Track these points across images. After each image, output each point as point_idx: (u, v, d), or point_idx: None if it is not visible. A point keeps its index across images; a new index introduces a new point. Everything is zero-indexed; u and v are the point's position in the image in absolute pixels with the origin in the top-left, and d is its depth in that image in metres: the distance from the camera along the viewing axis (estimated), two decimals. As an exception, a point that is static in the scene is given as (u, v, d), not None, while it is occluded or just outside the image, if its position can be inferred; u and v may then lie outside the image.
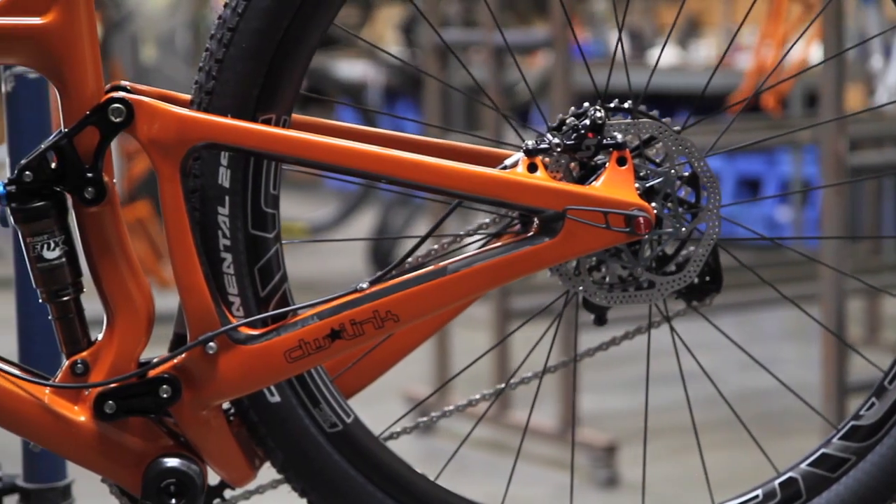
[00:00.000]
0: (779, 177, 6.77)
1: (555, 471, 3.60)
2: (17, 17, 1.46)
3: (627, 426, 3.82)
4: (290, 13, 1.48)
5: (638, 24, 7.91)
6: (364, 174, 1.50)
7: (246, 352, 1.50)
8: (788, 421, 3.87)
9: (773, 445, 1.77)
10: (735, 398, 1.75)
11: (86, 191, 1.48)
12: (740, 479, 1.70)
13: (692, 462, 1.62)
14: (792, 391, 1.74)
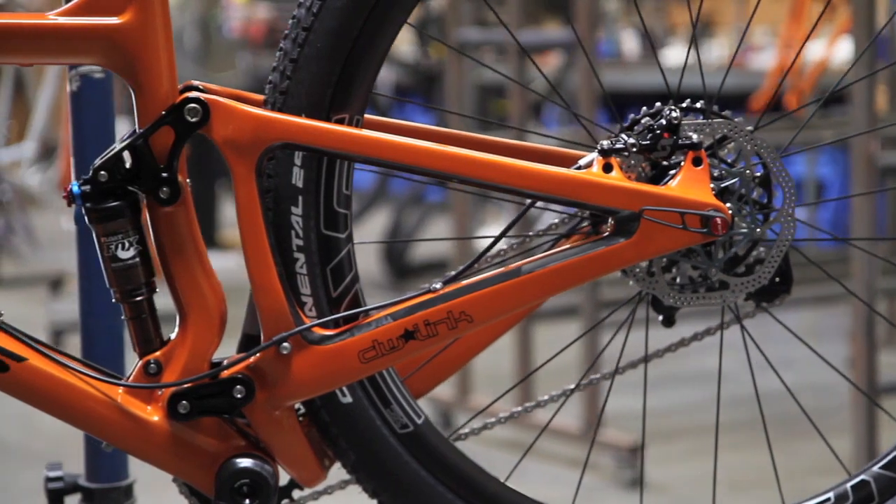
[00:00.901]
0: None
1: (578, 471, 3.60)
2: (93, 17, 1.46)
3: (652, 426, 3.82)
4: (365, 12, 1.48)
5: (649, 24, 7.92)
6: (438, 174, 1.49)
7: (320, 352, 1.50)
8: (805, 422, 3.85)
9: (795, 447, 1.77)
10: (750, 400, 1.76)
11: (161, 190, 1.48)
12: (766, 479, 1.70)
13: (719, 463, 1.62)
14: (854, 385, 1.73)
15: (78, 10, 1.46)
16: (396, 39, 1.54)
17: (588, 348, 3.77)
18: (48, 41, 1.46)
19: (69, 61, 1.49)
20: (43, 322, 5.11)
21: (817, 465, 3.28)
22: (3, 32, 1.45)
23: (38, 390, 1.48)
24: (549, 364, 1.72)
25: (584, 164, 1.52)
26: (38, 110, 5.99)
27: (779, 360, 1.68)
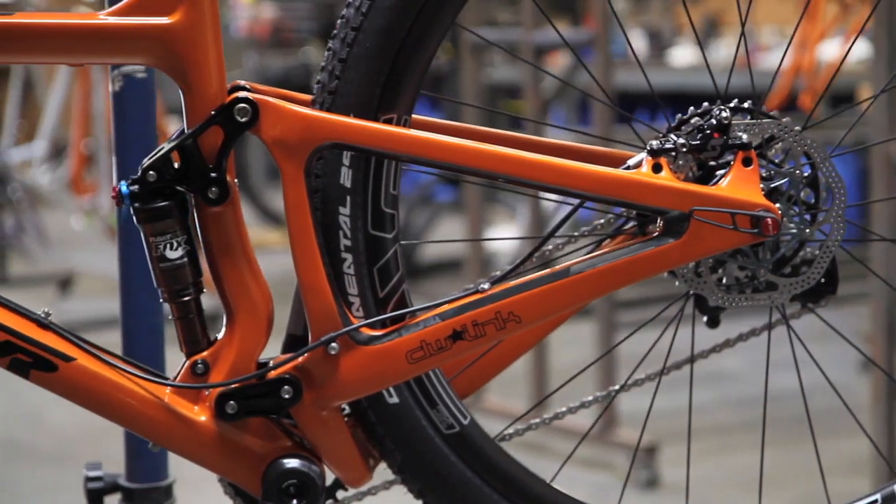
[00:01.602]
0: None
1: (594, 472, 3.60)
2: (144, 16, 1.46)
3: (668, 426, 3.82)
4: (414, 12, 1.48)
5: (656, 24, 7.91)
6: (487, 174, 1.49)
7: (367, 352, 1.49)
8: (826, 422, 3.87)
9: (805, 447, 1.76)
10: (770, 399, 1.76)
11: (209, 190, 1.48)
12: (784, 478, 1.70)
13: (733, 463, 1.61)
14: None
15: (128, 9, 1.46)
16: None
17: (604, 348, 3.78)
18: (98, 41, 1.45)
19: (118, 61, 1.48)
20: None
21: (836, 466, 3.29)
22: (52, 32, 1.45)
23: (86, 390, 1.48)
24: (560, 363, 1.72)
25: (633, 165, 1.52)
26: (49, 110, 5.98)
27: (789, 361, 1.69)
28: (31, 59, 1.48)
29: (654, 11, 7.77)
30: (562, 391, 1.75)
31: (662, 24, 7.99)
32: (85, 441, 3.94)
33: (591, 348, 3.83)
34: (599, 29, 3.80)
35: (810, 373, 1.69)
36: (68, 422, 4.14)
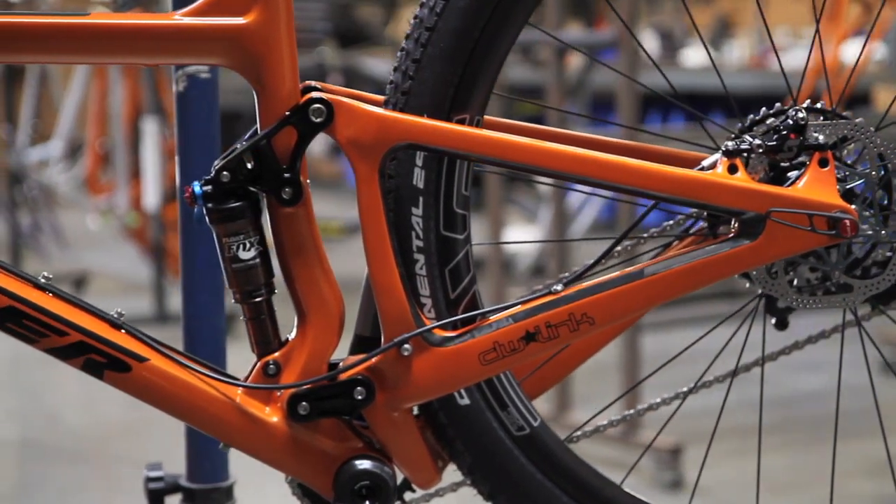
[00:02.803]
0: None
1: (618, 473, 3.60)
2: (218, 17, 1.45)
3: (693, 428, 3.82)
4: (488, 12, 1.47)
5: (668, 25, 7.91)
6: (561, 175, 1.49)
7: (440, 354, 1.49)
8: (842, 423, 3.87)
9: (828, 448, 1.76)
10: (787, 400, 1.76)
11: (283, 191, 1.47)
12: (807, 480, 1.70)
13: (755, 464, 1.62)
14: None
15: (203, 10, 1.45)
16: None
17: (628, 349, 3.77)
18: (173, 42, 1.45)
19: (192, 62, 1.48)
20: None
21: (860, 468, 3.29)
22: (127, 33, 1.44)
23: (158, 390, 1.48)
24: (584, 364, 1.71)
25: (708, 165, 1.51)
26: (66, 109, 5.97)
27: (808, 363, 1.69)
28: (104, 59, 1.47)
29: (665, 12, 7.77)
30: (586, 394, 1.75)
31: (674, 25, 7.98)
32: (104, 441, 3.94)
33: (615, 347, 3.83)
34: (622, 30, 3.79)
35: (826, 374, 1.69)
36: (86, 422, 4.14)
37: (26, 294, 1.45)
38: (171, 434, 4.05)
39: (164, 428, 4.11)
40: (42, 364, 4.85)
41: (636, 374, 3.72)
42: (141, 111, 5.45)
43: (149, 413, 4.27)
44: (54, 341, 1.45)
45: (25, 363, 5.02)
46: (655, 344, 3.81)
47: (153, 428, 4.11)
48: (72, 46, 1.44)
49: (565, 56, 4.34)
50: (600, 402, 1.64)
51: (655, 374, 1.74)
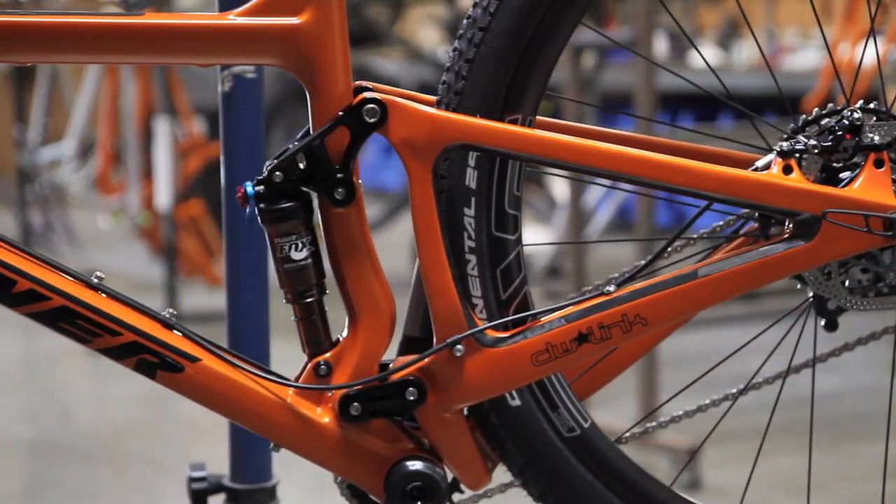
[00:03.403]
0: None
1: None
2: (272, 17, 1.45)
3: (709, 428, 3.82)
4: (541, 12, 1.47)
5: (676, 26, 7.89)
6: (615, 175, 1.48)
7: (492, 354, 1.49)
8: (858, 424, 3.87)
9: (845, 449, 1.75)
10: (802, 401, 1.75)
11: (336, 191, 1.47)
12: (828, 481, 1.69)
13: (773, 465, 1.61)
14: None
15: (256, 10, 1.45)
16: (427, 38, 1.53)
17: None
18: (227, 42, 1.44)
19: (245, 62, 1.47)
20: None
21: (878, 469, 3.28)
22: (182, 33, 1.44)
23: (210, 391, 1.47)
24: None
25: (762, 166, 1.51)
26: (79, 109, 5.97)
27: (825, 364, 1.68)
28: (157, 59, 1.47)
29: (674, 12, 7.75)
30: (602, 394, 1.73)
31: (683, 25, 7.96)
32: (117, 441, 3.94)
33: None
34: (642, 30, 3.79)
35: (842, 375, 1.69)
36: (98, 422, 4.14)
37: (80, 294, 1.45)
38: (184, 434, 4.06)
39: (177, 428, 4.12)
40: (53, 363, 4.88)
41: (653, 375, 3.71)
42: (153, 111, 5.44)
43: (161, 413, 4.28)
44: (107, 341, 1.44)
45: (37, 363, 5.02)
46: (671, 345, 3.82)
47: (166, 428, 4.11)
48: (125, 46, 1.44)
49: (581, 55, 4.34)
50: (616, 403, 1.64)
51: (668, 375, 1.73)
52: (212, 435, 4.04)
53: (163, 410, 4.27)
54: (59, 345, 5.08)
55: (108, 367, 4.99)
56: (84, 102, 5.93)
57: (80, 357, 4.87)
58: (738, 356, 1.70)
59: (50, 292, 1.43)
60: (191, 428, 4.13)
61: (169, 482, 3.53)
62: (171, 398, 4.65)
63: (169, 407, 4.31)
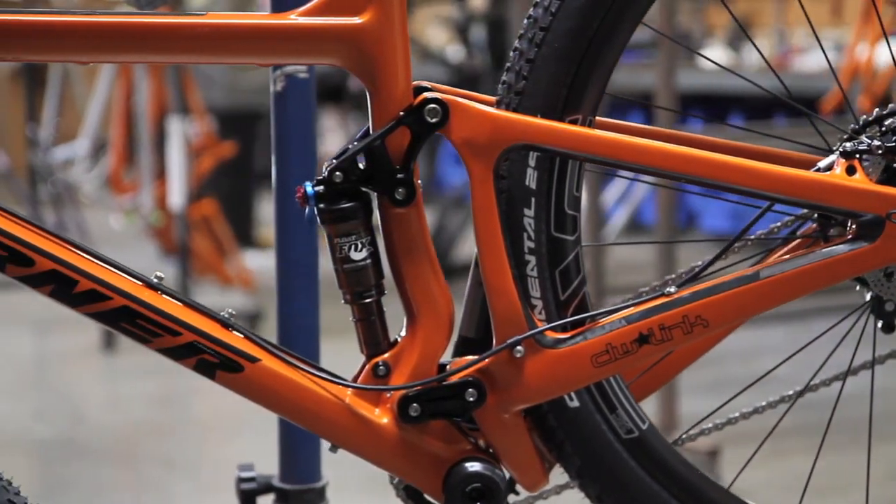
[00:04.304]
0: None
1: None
2: (333, 17, 1.44)
3: (729, 429, 3.81)
4: (603, 12, 1.47)
5: (686, 26, 7.89)
6: (676, 176, 1.48)
7: (552, 356, 1.48)
8: (879, 426, 3.86)
9: (873, 451, 1.74)
10: (820, 403, 1.75)
11: (397, 192, 1.46)
12: (842, 483, 1.69)
13: (792, 466, 1.61)
14: None
15: (318, 9, 1.44)
16: (435, 38, 1.52)
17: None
18: (289, 42, 1.44)
19: (306, 62, 1.47)
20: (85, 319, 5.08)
21: (895, 470, 3.29)
22: (244, 33, 1.43)
23: (269, 391, 1.47)
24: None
25: (824, 167, 1.50)
26: (93, 108, 5.96)
27: (842, 364, 1.68)
28: (218, 59, 1.46)
29: (683, 13, 7.76)
30: None
31: (692, 26, 7.97)
32: (132, 441, 3.93)
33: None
34: (663, 30, 3.78)
35: (860, 376, 1.69)
36: (113, 422, 4.13)
37: (140, 294, 1.44)
38: (197, 433, 4.06)
39: (190, 427, 4.12)
40: (66, 363, 4.87)
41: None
42: (165, 110, 5.44)
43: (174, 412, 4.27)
44: (168, 341, 1.44)
45: (49, 362, 5.01)
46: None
47: (179, 427, 4.11)
48: (187, 46, 1.44)
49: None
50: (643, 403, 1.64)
51: (690, 376, 1.71)
52: (224, 434, 4.04)
53: (176, 410, 4.27)
54: (71, 344, 5.08)
55: (119, 366, 4.99)
56: (98, 102, 5.92)
57: (93, 356, 4.87)
58: (748, 357, 1.69)
59: (111, 292, 1.43)
60: (204, 427, 4.13)
61: (183, 481, 3.53)
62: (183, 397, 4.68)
63: (182, 406, 4.31)
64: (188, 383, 4.60)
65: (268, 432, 4.10)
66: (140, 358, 4.79)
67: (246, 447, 3.84)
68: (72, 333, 5.13)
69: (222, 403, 4.33)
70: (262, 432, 4.01)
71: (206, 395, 4.45)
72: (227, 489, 3.46)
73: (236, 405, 4.44)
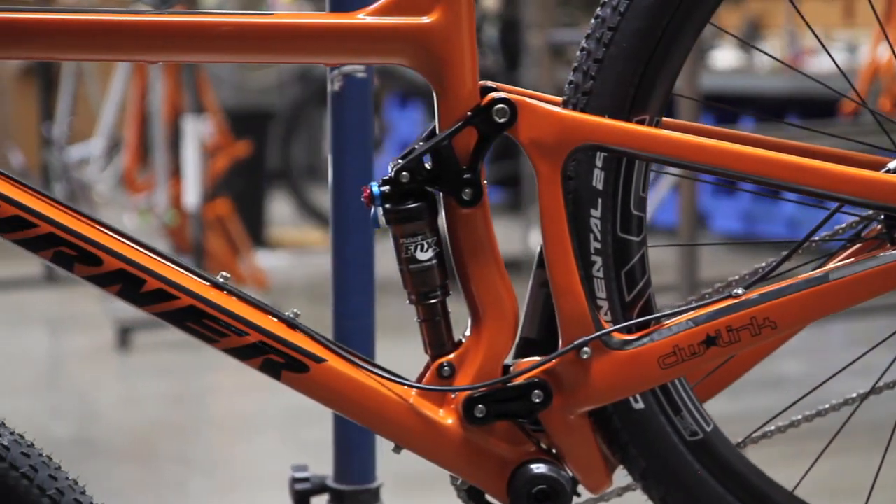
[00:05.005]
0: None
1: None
2: (402, 16, 1.43)
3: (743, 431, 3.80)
4: (671, 11, 1.46)
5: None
6: (745, 176, 1.47)
7: (619, 357, 1.47)
8: (891, 428, 3.84)
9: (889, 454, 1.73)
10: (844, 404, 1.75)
11: (464, 192, 1.46)
12: (862, 486, 1.69)
13: (814, 468, 1.60)
14: None
15: (386, 9, 1.44)
16: None
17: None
18: (357, 41, 1.43)
19: (373, 61, 1.46)
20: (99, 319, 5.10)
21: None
22: (311, 32, 1.42)
23: (334, 391, 1.46)
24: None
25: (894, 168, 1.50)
26: (108, 108, 5.96)
27: (857, 366, 1.68)
28: (286, 59, 1.46)
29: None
30: None
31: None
32: (150, 439, 3.93)
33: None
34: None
35: (876, 378, 1.68)
36: (131, 420, 4.13)
37: (206, 293, 1.43)
38: (214, 432, 4.05)
39: (207, 426, 4.11)
40: (82, 363, 4.87)
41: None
42: (180, 110, 5.43)
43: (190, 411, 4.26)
44: (234, 341, 1.43)
45: (65, 362, 5.01)
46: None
47: (197, 427, 4.11)
48: (254, 46, 1.43)
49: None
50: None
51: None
52: (240, 433, 4.03)
53: (191, 409, 4.27)
54: (85, 344, 5.08)
55: (134, 365, 4.98)
56: (113, 101, 5.91)
57: (107, 356, 4.86)
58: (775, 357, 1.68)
59: (178, 292, 1.42)
60: (219, 426, 4.13)
61: (199, 480, 3.53)
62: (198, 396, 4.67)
63: (197, 405, 4.31)
64: (203, 383, 4.61)
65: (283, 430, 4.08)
66: (155, 357, 4.79)
67: (261, 446, 3.84)
68: (86, 333, 5.13)
69: (237, 403, 4.33)
70: (277, 431, 4.02)
71: (221, 395, 4.45)
72: (242, 488, 3.46)
73: (251, 404, 4.44)
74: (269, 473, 3.49)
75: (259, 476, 3.52)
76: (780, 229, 6.80)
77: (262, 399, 4.31)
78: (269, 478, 3.46)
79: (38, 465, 1.37)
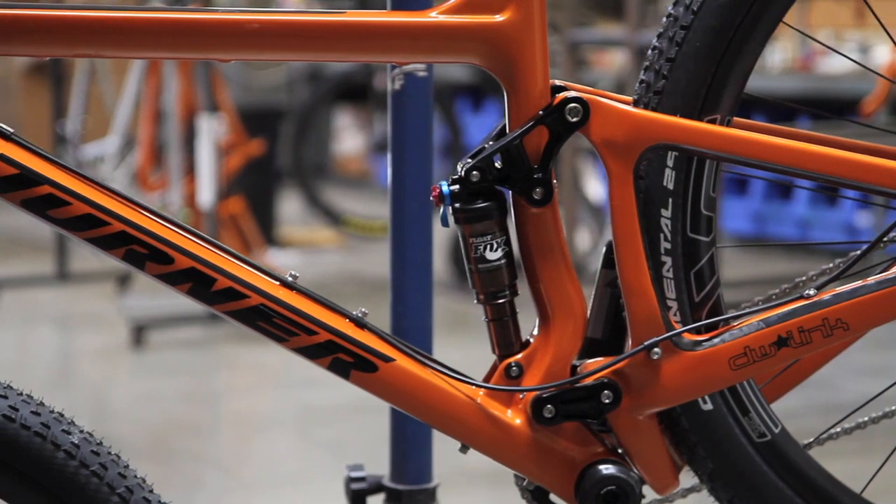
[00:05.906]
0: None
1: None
2: (474, 15, 1.42)
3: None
4: (745, 10, 1.45)
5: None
6: (819, 176, 1.46)
7: (689, 358, 1.47)
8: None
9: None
10: (855, 406, 1.74)
11: (534, 191, 1.45)
12: (883, 486, 1.68)
13: (835, 469, 1.60)
14: None
15: (457, 8, 1.43)
16: None
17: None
18: (429, 40, 1.42)
19: (444, 60, 1.44)
20: (113, 317, 5.09)
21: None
22: (386, 31, 1.41)
23: (403, 391, 1.45)
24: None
25: None
26: (123, 106, 5.94)
27: (872, 367, 1.67)
28: (358, 57, 1.45)
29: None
30: None
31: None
32: (168, 438, 3.92)
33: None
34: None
35: (891, 378, 1.67)
36: (147, 418, 4.12)
37: (276, 292, 1.42)
38: (229, 430, 4.04)
39: (223, 424, 4.10)
40: (96, 361, 4.85)
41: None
42: (194, 109, 5.42)
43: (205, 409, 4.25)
44: (304, 340, 1.42)
45: (78, 360, 4.99)
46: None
47: (212, 424, 4.10)
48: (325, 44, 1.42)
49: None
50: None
51: None
52: (256, 431, 4.02)
53: (206, 407, 4.26)
54: (100, 342, 5.07)
55: (148, 363, 4.96)
56: (128, 99, 5.90)
57: (122, 354, 4.85)
58: None
59: (248, 291, 1.41)
60: (235, 424, 4.12)
61: (215, 477, 3.52)
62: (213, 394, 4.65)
63: (212, 403, 4.29)
64: (217, 381, 4.60)
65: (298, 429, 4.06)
66: (169, 355, 4.78)
67: (277, 444, 3.83)
68: (100, 331, 5.12)
69: (252, 401, 4.33)
70: (292, 429, 4.01)
71: (236, 393, 4.44)
72: (260, 486, 3.45)
73: (266, 403, 4.42)
74: (284, 471, 3.49)
75: (274, 474, 3.52)
76: (790, 230, 6.80)
77: (277, 397, 4.30)
78: (284, 475, 3.45)
79: (108, 462, 1.36)
